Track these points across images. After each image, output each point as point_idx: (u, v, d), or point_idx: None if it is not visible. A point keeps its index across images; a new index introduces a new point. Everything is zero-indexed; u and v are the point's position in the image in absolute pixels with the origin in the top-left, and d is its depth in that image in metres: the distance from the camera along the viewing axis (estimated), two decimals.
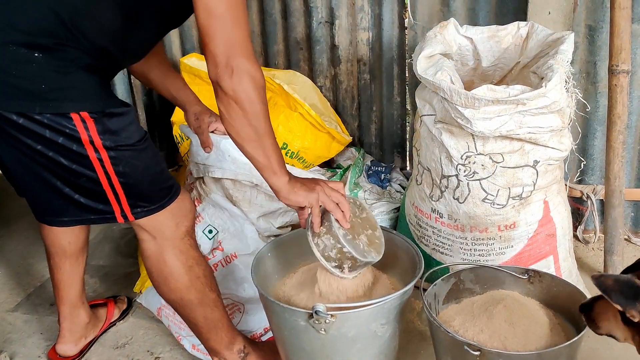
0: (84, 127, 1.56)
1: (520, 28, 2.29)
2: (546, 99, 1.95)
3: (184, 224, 1.84)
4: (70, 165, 1.60)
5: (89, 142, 1.58)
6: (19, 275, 2.81)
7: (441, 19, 2.66)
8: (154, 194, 1.76)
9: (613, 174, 2.31)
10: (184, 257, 1.85)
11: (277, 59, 3.08)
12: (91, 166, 1.61)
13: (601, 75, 2.48)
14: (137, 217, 1.74)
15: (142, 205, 1.74)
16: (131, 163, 1.67)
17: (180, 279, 1.86)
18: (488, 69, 2.36)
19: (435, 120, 2.14)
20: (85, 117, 1.56)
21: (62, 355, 2.26)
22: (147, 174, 1.72)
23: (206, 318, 1.93)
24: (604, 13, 2.38)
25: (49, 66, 1.52)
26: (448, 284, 1.87)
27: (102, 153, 1.60)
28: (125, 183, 1.67)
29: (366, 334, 1.73)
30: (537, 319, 1.72)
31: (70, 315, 2.25)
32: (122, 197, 1.69)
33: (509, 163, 2.07)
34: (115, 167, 1.63)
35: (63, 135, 1.56)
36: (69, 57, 1.54)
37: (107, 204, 1.69)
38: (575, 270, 2.34)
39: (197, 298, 1.89)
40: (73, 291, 2.23)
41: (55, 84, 1.53)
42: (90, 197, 1.67)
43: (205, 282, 1.91)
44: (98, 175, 1.63)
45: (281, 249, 2.00)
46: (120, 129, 1.63)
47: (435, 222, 2.26)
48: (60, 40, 1.52)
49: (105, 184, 1.65)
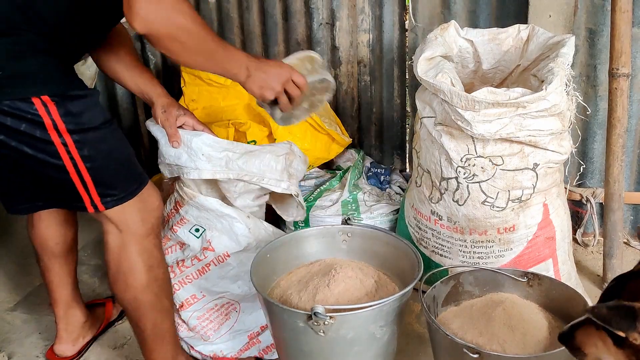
0: (46, 111, 1.54)
1: (521, 31, 2.29)
2: (546, 102, 1.95)
3: (149, 221, 1.82)
4: (36, 154, 1.59)
5: (52, 127, 1.56)
6: (18, 274, 2.80)
7: (442, 21, 2.66)
8: (122, 181, 1.75)
9: (613, 177, 2.31)
10: (146, 255, 1.83)
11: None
12: (56, 153, 1.60)
13: (601, 78, 2.48)
14: (107, 206, 1.72)
15: (112, 194, 1.72)
16: (96, 146, 1.65)
17: (139, 277, 1.83)
18: (488, 72, 2.36)
19: (435, 123, 2.14)
20: (47, 100, 1.54)
21: (60, 356, 2.25)
22: (113, 158, 1.71)
23: (155, 326, 1.90)
24: (605, 16, 2.38)
25: (4, 51, 1.51)
26: (447, 286, 1.87)
27: (66, 137, 1.59)
28: (91, 168, 1.65)
29: (365, 336, 1.73)
30: (536, 322, 1.72)
31: (66, 316, 2.24)
32: (90, 185, 1.67)
33: (509, 166, 2.07)
34: (80, 152, 1.62)
35: (25, 122, 1.54)
36: (24, 41, 1.52)
37: (76, 193, 1.68)
38: (574, 274, 2.34)
39: (150, 301, 1.86)
40: (65, 291, 2.22)
41: (12, 69, 1.52)
42: (59, 187, 1.66)
43: (163, 286, 1.88)
44: (64, 162, 1.61)
45: (280, 250, 2.00)
46: (82, 111, 1.62)
47: (435, 225, 2.26)
48: (14, 24, 1.50)
49: (72, 171, 1.63)
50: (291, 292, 1.87)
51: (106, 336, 2.37)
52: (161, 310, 1.89)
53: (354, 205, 2.63)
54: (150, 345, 1.93)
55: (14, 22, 1.50)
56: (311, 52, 2.01)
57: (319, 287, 1.83)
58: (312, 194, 2.70)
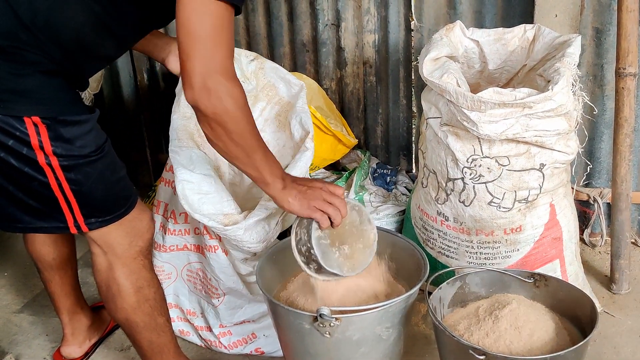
0: (36, 131, 1.50)
1: (527, 31, 2.28)
2: (553, 102, 1.95)
3: (137, 244, 1.79)
4: (22, 167, 1.54)
5: (38, 147, 1.52)
6: (26, 276, 2.81)
7: (447, 21, 2.65)
8: (109, 204, 1.70)
9: (620, 177, 2.30)
10: (134, 277, 1.80)
11: (283, 61, 3.08)
12: (42, 171, 1.55)
13: (608, 78, 2.47)
14: (91, 227, 1.68)
15: (97, 215, 1.67)
16: (84, 171, 1.60)
17: (128, 298, 1.80)
18: (494, 72, 2.35)
19: (441, 123, 2.14)
20: (37, 122, 1.50)
21: (67, 358, 2.26)
22: (102, 183, 1.65)
23: (151, 342, 1.89)
24: (611, 15, 2.37)
25: (4, 67, 1.47)
26: (453, 287, 1.87)
27: (52, 159, 1.54)
28: (77, 191, 1.60)
29: (371, 338, 1.72)
30: (543, 324, 1.71)
31: (71, 322, 2.25)
32: (74, 206, 1.62)
33: (515, 166, 2.06)
34: (66, 174, 1.57)
35: (13, 138, 1.50)
36: (27, 60, 1.49)
37: (60, 213, 1.63)
38: (581, 274, 2.33)
39: (143, 321, 1.84)
40: (69, 300, 2.22)
41: (7, 85, 1.48)
42: (43, 203, 1.61)
43: (155, 305, 1.86)
44: (49, 180, 1.57)
45: (287, 252, 2.00)
46: (74, 138, 1.56)
47: (441, 225, 2.26)
48: (19, 44, 1.47)
49: (57, 190, 1.59)
50: (297, 295, 1.87)
51: (112, 338, 2.37)
52: (155, 328, 1.88)
53: None
54: (149, 358, 1.93)
55: (19, 41, 1.46)
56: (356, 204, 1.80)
57: (325, 289, 1.82)
58: None
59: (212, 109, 1.46)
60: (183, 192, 1.94)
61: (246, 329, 2.20)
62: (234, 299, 2.19)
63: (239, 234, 1.92)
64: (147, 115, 3.32)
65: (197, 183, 1.96)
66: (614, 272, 2.42)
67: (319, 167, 2.86)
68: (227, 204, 1.96)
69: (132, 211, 1.76)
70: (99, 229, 1.70)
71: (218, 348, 2.24)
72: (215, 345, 2.24)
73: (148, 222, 1.83)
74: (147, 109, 3.31)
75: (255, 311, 2.21)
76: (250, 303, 2.21)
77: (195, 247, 2.21)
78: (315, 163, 2.80)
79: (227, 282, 2.14)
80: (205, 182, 1.97)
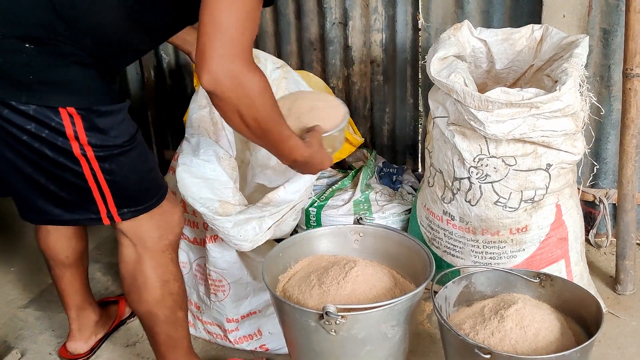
0: (71, 122, 1.51)
1: (535, 31, 2.28)
2: (560, 102, 1.95)
3: (167, 237, 1.80)
4: (56, 158, 1.55)
5: (74, 138, 1.53)
6: (32, 272, 2.82)
7: (455, 20, 2.65)
8: (142, 194, 1.71)
9: (626, 178, 2.30)
10: (161, 270, 1.80)
11: (290, 60, 3.08)
12: (76, 161, 1.56)
13: (615, 78, 2.47)
14: (124, 217, 1.68)
15: (129, 205, 1.68)
16: (118, 160, 1.61)
17: (153, 292, 1.81)
18: (502, 72, 2.35)
19: (448, 123, 2.14)
20: (73, 112, 1.51)
21: (73, 353, 2.27)
22: (134, 172, 1.66)
23: (168, 337, 1.89)
24: (619, 16, 2.37)
25: (39, 58, 1.47)
26: (459, 286, 1.87)
27: (87, 149, 1.55)
28: (111, 181, 1.61)
29: (376, 336, 1.73)
30: (549, 323, 1.71)
31: (78, 317, 2.26)
32: (108, 196, 1.63)
33: (522, 166, 2.06)
34: (101, 164, 1.58)
35: (48, 129, 1.51)
36: (62, 51, 1.49)
37: (93, 203, 1.63)
38: (586, 275, 2.33)
39: (164, 314, 1.84)
40: (77, 297, 2.24)
41: (43, 76, 1.48)
42: (76, 194, 1.62)
43: (177, 299, 1.86)
44: (83, 170, 1.57)
45: (292, 249, 2.01)
46: (108, 128, 1.57)
47: (447, 225, 2.26)
48: (55, 35, 1.47)
49: (91, 180, 1.59)
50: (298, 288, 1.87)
51: (118, 334, 2.38)
52: (174, 322, 1.88)
53: (366, 204, 2.63)
54: (163, 352, 1.93)
55: (54, 32, 1.47)
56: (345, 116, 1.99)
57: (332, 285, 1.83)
58: (324, 194, 2.71)
59: (229, 94, 1.46)
60: (180, 174, 1.95)
61: (253, 323, 2.21)
62: (238, 292, 2.20)
63: (227, 227, 1.93)
64: (154, 112, 3.32)
65: (197, 167, 1.96)
66: (619, 272, 2.42)
67: None
68: (227, 191, 1.96)
69: (164, 204, 1.76)
70: (130, 221, 1.70)
71: (223, 341, 2.24)
72: (221, 339, 2.25)
73: (179, 216, 1.83)
74: (154, 106, 3.31)
75: (260, 300, 2.22)
76: (255, 293, 2.22)
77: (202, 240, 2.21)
78: None
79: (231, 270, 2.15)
80: (207, 167, 1.97)
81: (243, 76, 1.45)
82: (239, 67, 1.43)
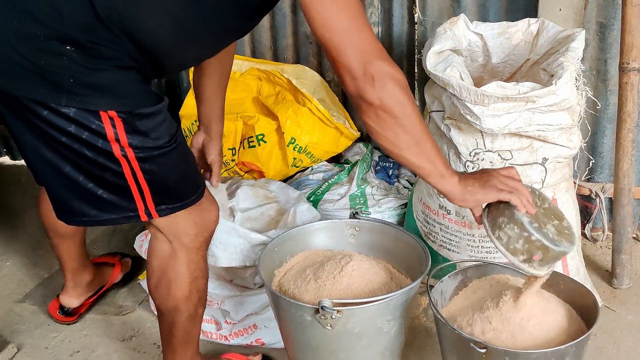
0: (112, 124, 1.49)
1: (531, 25, 2.28)
2: (556, 96, 1.94)
3: (203, 235, 1.77)
4: (96, 158, 1.52)
5: (114, 140, 1.50)
6: (28, 266, 2.82)
7: (451, 14, 2.64)
8: (181, 191, 1.68)
9: (622, 172, 2.30)
10: (193, 266, 1.79)
11: (286, 53, 3.07)
12: (117, 161, 1.54)
13: (612, 72, 2.46)
14: (162, 214, 1.65)
15: (167, 202, 1.66)
16: (158, 161, 1.59)
17: (183, 287, 1.79)
18: (498, 66, 2.35)
19: (444, 117, 2.14)
20: (113, 116, 1.48)
21: (65, 306, 2.42)
22: (175, 172, 1.64)
23: (186, 332, 1.88)
24: (615, 10, 2.36)
25: (80, 61, 1.44)
26: (455, 280, 1.87)
27: (128, 151, 1.53)
28: (151, 180, 1.59)
29: (372, 330, 1.73)
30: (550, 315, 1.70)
31: (73, 277, 2.39)
32: (147, 194, 1.61)
33: (518, 160, 2.06)
34: (141, 164, 1.56)
35: (88, 131, 1.48)
36: (104, 55, 1.46)
37: (131, 201, 1.61)
38: (582, 269, 2.33)
39: (188, 310, 1.83)
40: (74, 262, 2.37)
41: (84, 79, 1.45)
42: (114, 193, 1.59)
43: (202, 297, 1.86)
44: (123, 170, 1.55)
45: (287, 243, 2.01)
46: (149, 130, 1.55)
47: (443, 219, 2.26)
48: (96, 38, 1.43)
49: (131, 180, 1.57)
50: (293, 282, 1.87)
51: (114, 328, 2.38)
52: (194, 318, 1.87)
53: (362, 199, 2.63)
54: (176, 347, 1.92)
55: (96, 35, 1.43)
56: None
57: (328, 280, 1.83)
58: (320, 188, 2.70)
59: (377, 96, 1.41)
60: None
61: (248, 321, 2.21)
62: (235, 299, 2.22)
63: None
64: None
65: None
66: (615, 267, 2.42)
67: (321, 160, 2.86)
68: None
69: (202, 201, 1.73)
70: (167, 217, 1.68)
71: (219, 340, 2.24)
72: (216, 338, 2.25)
73: (216, 214, 1.81)
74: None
75: (256, 303, 2.22)
76: (251, 296, 2.22)
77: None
78: (318, 156, 2.80)
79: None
80: None
81: (386, 75, 1.41)
82: (379, 67, 1.41)
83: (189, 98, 2.94)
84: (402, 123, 1.45)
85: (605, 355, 2.11)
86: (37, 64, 1.43)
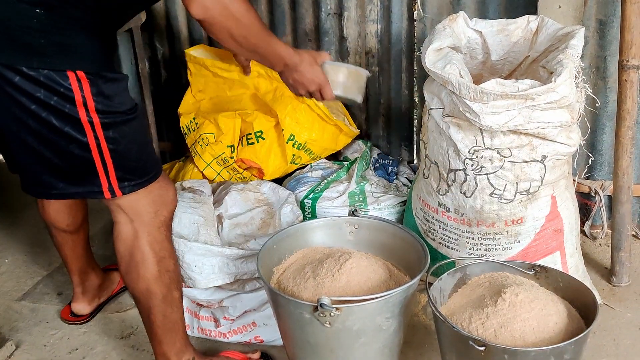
0: (79, 87, 1.58)
1: (530, 22, 2.27)
2: (555, 94, 1.94)
3: (162, 213, 1.85)
4: (62, 127, 1.61)
5: (82, 104, 1.60)
6: (26, 263, 2.82)
7: (450, 11, 2.64)
8: (141, 166, 1.77)
9: (621, 169, 2.30)
10: (158, 246, 1.85)
11: None
12: (82, 130, 1.62)
13: (611, 70, 2.46)
14: (124, 191, 1.74)
15: (129, 179, 1.74)
16: (121, 129, 1.68)
17: (151, 267, 1.85)
18: (497, 63, 2.35)
19: (443, 114, 2.13)
20: (81, 76, 1.58)
21: (77, 314, 2.38)
22: (136, 143, 1.74)
23: (165, 317, 1.91)
24: (615, 7, 2.36)
25: (50, 22, 1.54)
26: (454, 278, 1.87)
27: (94, 116, 1.62)
28: (114, 150, 1.67)
29: (371, 328, 1.73)
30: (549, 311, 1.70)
31: (81, 281, 2.37)
32: (110, 168, 1.69)
33: (517, 158, 2.06)
34: (105, 132, 1.65)
35: (57, 95, 1.57)
36: (72, 15, 1.57)
37: (96, 176, 1.69)
38: (582, 266, 2.33)
39: (161, 292, 1.88)
40: (81, 262, 2.33)
41: (54, 40, 1.55)
42: (79, 167, 1.68)
43: (173, 277, 1.90)
44: (88, 140, 1.64)
45: (287, 241, 2.01)
46: (114, 94, 1.66)
47: (442, 216, 2.26)
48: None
49: (95, 151, 1.66)
50: (291, 280, 1.87)
51: (113, 326, 2.38)
52: (172, 302, 1.91)
53: (361, 196, 2.63)
54: (160, 336, 1.95)
55: None
56: (362, 70, 2.10)
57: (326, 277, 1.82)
58: (319, 185, 2.70)
59: (219, 18, 1.64)
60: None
61: (247, 318, 2.21)
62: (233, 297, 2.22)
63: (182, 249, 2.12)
64: (149, 103, 3.31)
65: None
66: (614, 264, 2.42)
67: (321, 157, 2.86)
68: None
69: (160, 179, 1.83)
70: (129, 195, 1.76)
71: (217, 338, 2.24)
72: (214, 336, 2.25)
73: (173, 193, 1.89)
74: (149, 97, 3.29)
75: (255, 300, 2.21)
76: (249, 293, 2.22)
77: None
78: (317, 152, 2.80)
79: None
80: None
81: (227, 1, 1.63)
82: None
83: (187, 96, 2.94)
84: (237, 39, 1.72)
85: (604, 352, 2.11)
86: (9, 27, 1.53)
